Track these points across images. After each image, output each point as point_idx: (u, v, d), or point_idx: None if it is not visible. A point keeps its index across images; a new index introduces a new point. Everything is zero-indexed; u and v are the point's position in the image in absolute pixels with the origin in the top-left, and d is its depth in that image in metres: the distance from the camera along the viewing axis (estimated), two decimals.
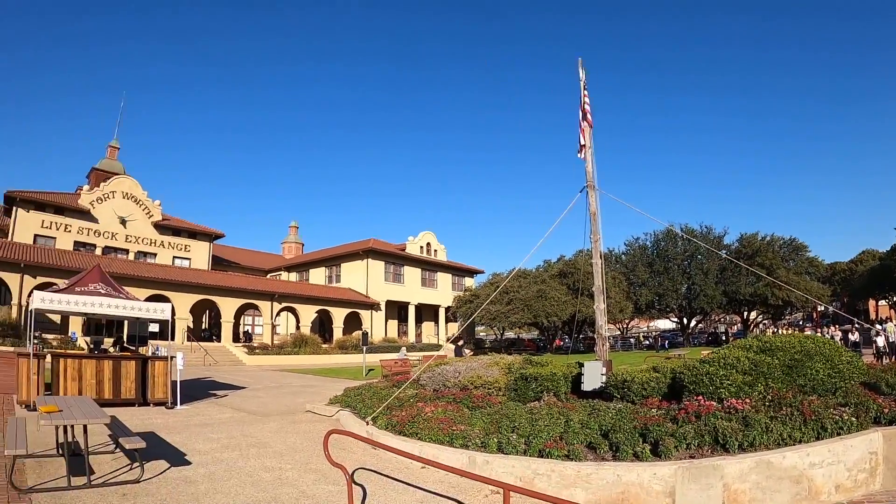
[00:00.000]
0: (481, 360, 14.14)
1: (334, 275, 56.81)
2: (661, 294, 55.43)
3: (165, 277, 38.97)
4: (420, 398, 11.90)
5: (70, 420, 6.98)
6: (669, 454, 7.43)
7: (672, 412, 8.79)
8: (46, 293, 13.58)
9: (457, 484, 7.76)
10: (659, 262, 56.27)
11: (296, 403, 15.98)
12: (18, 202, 41.22)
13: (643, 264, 57.11)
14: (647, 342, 63.97)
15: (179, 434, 10.77)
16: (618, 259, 60.30)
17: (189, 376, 23.28)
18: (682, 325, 61.13)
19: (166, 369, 14.94)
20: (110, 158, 52.51)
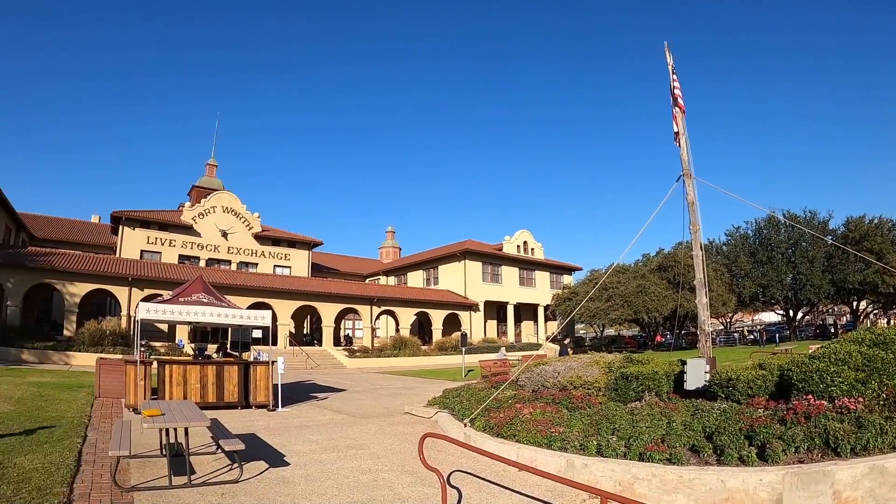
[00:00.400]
0: (581, 358, 13.81)
1: (432, 277, 57.02)
2: (765, 285, 52.99)
3: (266, 286, 39.92)
4: (518, 399, 11.69)
5: (171, 423, 7.13)
6: (777, 458, 7.00)
7: (780, 412, 8.27)
8: (151, 304, 14.04)
9: (553, 487, 7.53)
10: (762, 252, 53.74)
11: (394, 405, 16.06)
12: (124, 221, 43.32)
13: (745, 254, 54.64)
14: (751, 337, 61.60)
15: (279, 436, 10.93)
16: (718, 250, 58.18)
17: (291, 380, 23.72)
18: (788, 318, 58.27)
19: (268, 373, 15.27)
20: (209, 176, 54.33)
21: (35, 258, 33.94)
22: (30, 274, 32.44)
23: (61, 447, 8.71)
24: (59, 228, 48.38)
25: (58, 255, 35.57)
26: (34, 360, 27.12)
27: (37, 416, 11.44)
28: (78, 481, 7.11)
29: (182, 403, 8.85)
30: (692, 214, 12.33)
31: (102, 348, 28.62)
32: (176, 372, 14.26)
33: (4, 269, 31.68)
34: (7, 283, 31.77)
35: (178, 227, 45.96)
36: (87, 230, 50.40)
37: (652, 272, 50.70)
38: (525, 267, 58.61)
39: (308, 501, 6.71)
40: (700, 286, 12.16)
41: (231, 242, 48.32)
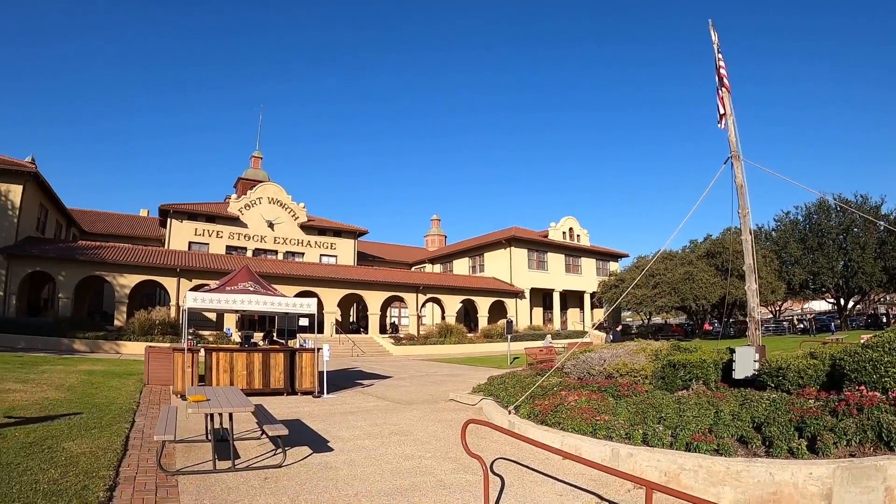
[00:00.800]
0: (627, 346, 13.58)
1: (477, 265, 56.91)
2: (815, 272, 51.63)
3: (313, 274, 40.24)
4: (563, 386, 11.53)
5: (216, 409, 7.16)
6: (828, 451, 6.75)
7: (831, 404, 7.96)
8: (199, 293, 14.18)
9: (598, 477, 7.38)
10: (812, 238, 52.37)
11: (439, 392, 16.03)
12: (172, 214, 44.37)
13: (795, 240, 53.36)
14: (800, 326, 60.19)
15: (323, 422, 10.95)
16: (768, 236, 56.92)
17: (336, 367, 23.90)
18: (839, 307, 56.81)
19: (313, 360, 15.34)
20: (254, 168, 54.96)
21: (85, 252, 34.82)
22: (80, 267, 33.26)
23: (109, 432, 8.83)
24: (108, 223, 49.72)
25: (107, 249, 36.47)
26: (86, 350, 27.71)
27: (86, 403, 11.64)
28: (124, 465, 7.19)
29: (227, 389, 8.91)
30: (741, 198, 11.97)
31: (152, 337, 29.28)
32: (223, 359, 14.40)
33: (56, 263, 32.51)
34: (59, 276, 32.65)
35: (224, 219, 46.75)
36: (136, 224, 51.65)
37: (699, 258, 49.86)
38: (571, 254, 58.17)
39: (350, 487, 6.67)
40: (749, 272, 11.84)
41: (277, 232, 48.90)
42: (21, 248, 31.95)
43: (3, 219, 31.97)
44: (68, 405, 11.16)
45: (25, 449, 7.38)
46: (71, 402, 11.51)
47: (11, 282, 31.30)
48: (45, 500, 5.55)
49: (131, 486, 6.36)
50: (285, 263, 43.82)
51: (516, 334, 37.07)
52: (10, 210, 32.20)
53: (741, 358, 10.65)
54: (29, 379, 14.62)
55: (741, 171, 12.02)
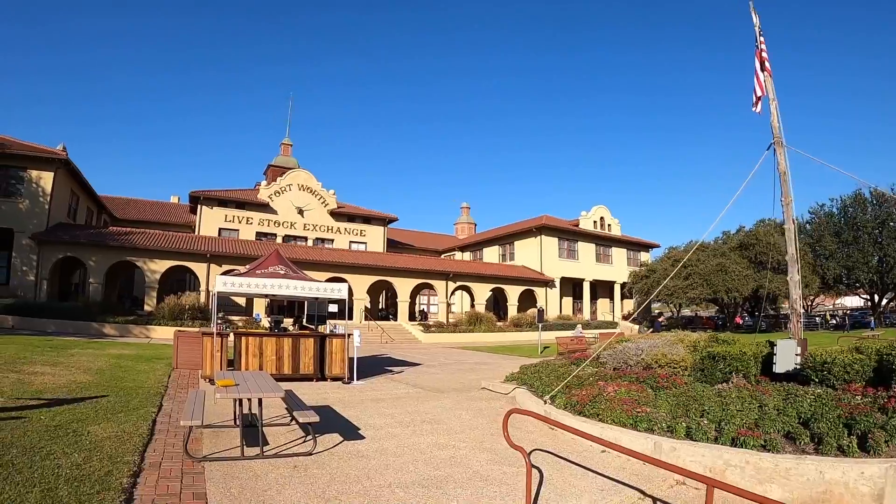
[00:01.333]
0: (664, 336, 13.19)
1: (507, 253, 56.52)
2: (850, 267, 50.65)
3: (342, 261, 40.08)
4: (600, 377, 11.19)
5: (245, 394, 6.93)
6: (879, 450, 6.42)
7: (880, 400, 7.66)
8: (228, 277, 13.98)
9: (639, 471, 7.09)
10: (847, 231, 51.37)
11: (470, 380, 15.73)
12: (202, 200, 44.68)
13: (830, 234, 52.37)
14: (833, 321, 58.94)
15: (354, 409, 10.71)
16: (801, 229, 55.94)
17: (366, 353, 23.61)
18: (873, 303, 55.63)
19: (343, 346, 15.11)
20: (284, 155, 54.87)
21: (116, 237, 35.04)
22: (111, 252, 33.51)
23: (136, 416, 8.66)
24: (138, 209, 50.16)
25: (138, 234, 36.63)
26: (115, 334, 27.80)
27: (114, 386, 11.50)
28: (150, 450, 7.00)
29: (256, 374, 8.67)
30: (783, 185, 11.57)
31: (182, 322, 29.22)
32: (252, 344, 14.21)
33: (86, 249, 32.77)
34: (89, 261, 32.90)
35: (254, 206, 46.88)
36: (167, 210, 52.13)
37: (732, 250, 49.01)
38: (601, 243, 57.60)
39: (382, 477, 6.41)
40: (792, 262, 11.41)
41: (307, 219, 48.98)
42: (52, 233, 32.17)
43: (34, 205, 32.23)
44: (96, 388, 11.03)
45: (50, 432, 7.21)
46: (99, 386, 11.38)
47: (43, 267, 31.61)
48: (66, 485, 5.35)
49: (156, 472, 6.16)
50: (315, 250, 43.75)
51: (546, 324, 36.54)
52: (41, 197, 32.48)
53: (782, 351, 10.28)
54: (58, 362, 14.54)
55: (784, 157, 11.65)
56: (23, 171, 32.24)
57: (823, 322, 58.18)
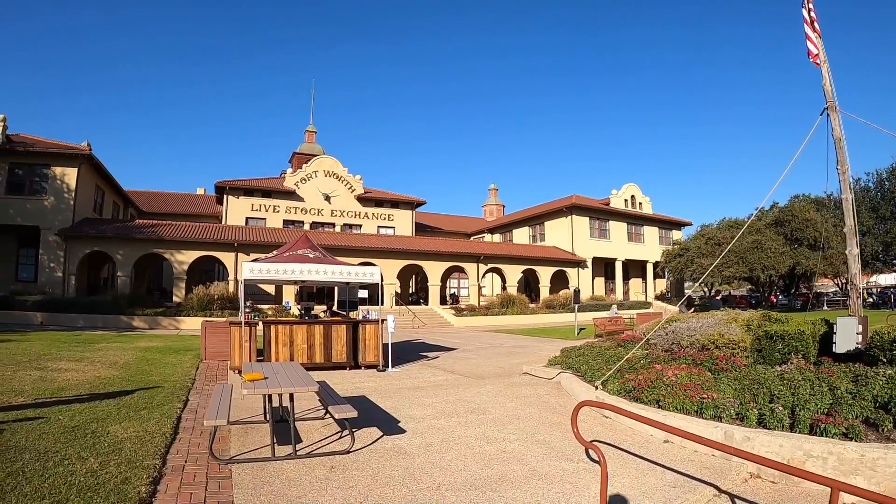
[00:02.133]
0: (716, 315, 12.42)
1: (538, 234, 55.54)
2: (888, 243, 49.31)
3: (371, 245, 39.48)
4: (652, 359, 10.50)
5: (274, 388, 6.29)
6: None
7: None
8: (255, 263, 13.40)
9: (709, 464, 6.43)
10: (885, 206, 49.95)
11: (510, 365, 15.07)
12: (228, 191, 44.26)
13: (866, 209, 50.90)
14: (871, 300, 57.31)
15: (391, 398, 10.10)
16: (837, 203, 54.69)
17: (399, 339, 23.17)
18: None
19: (377, 332, 14.48)
20: (309, 142, 54.47)
21: (142, 230, 34.82)
22: (138, 245, 33.26)
23: (159, 413, 8.14)
24: (165, 202, 50.19)
25: (164, 226, 36.39)
26: (144, 327, 27.77)
27: (139, 381, 11.04)
28: (173, 451, 6.48)
29: (287, 365, 8.04)
30: (839, 153, 10.85)
31: (210, 312, 29.18)
32: (282, 332, 13.68)
33: (113, 242, 32.53)
34: (116, 254, 32.70)
35: (281, 193, 46.43)
36: (193, 202, 52.04)
37: (767, 227, 47.74)
38: (633, 222, 56.52)
39: (430, 477, 5.78)
40: (850, 235, 10.64)
41: (334, 205, 48.40)
42: (78, 228, 31.98)
43: (59, 202, 32.08)
44: (120, 384, 10.56)
45: (67, 434, 6.68)
46: (123, 381, 10.91)
47: (70, 262, 31.47)
48: (78, 496, 4.79)
49: (178, 478, 5.59)
50: (343, 235, 43.19)
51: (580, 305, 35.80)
52: (66, 193, 32.32)
53: (843, 330, 9.53)
54: (84, 357, 14.20)
55: (839, 123, 10.92)
56: (46, 168, 32.09)
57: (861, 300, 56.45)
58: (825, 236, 45.37)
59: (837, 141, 10.84)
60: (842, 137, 10.90)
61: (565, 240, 51.30)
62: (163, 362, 14.11)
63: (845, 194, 10.90)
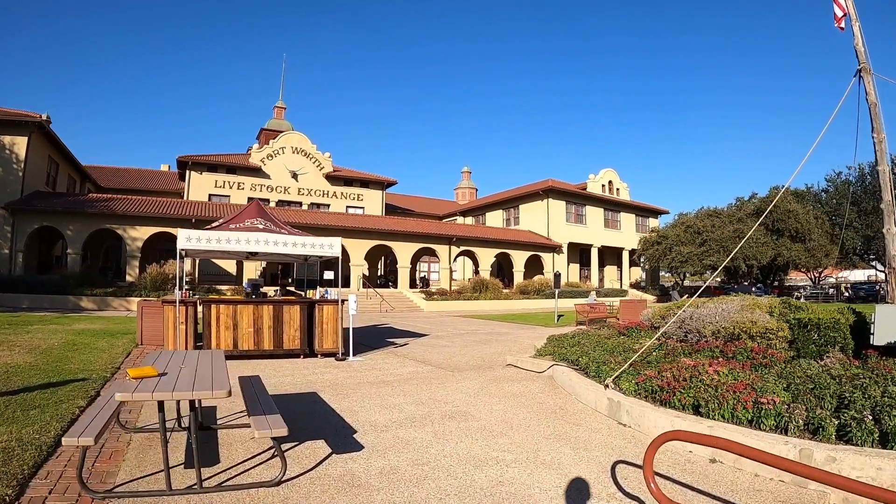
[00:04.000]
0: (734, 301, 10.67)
1: (512, 217, 53.83)
2: (870, 237, 48.32)
3: (338, 224, 37.39)
4: (668, 351, 8.71)
5: (163, 392, 4.14)
6: None
7: None
8: (193, 231, 11.39)
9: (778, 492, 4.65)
10: (866, 200, 48.93)
11: (490, 354, 13.16)
12: (191, 166, 42.49)
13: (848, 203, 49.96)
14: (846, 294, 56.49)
15: (348, 397, 8.14)
16: (818, 197, 53.80)
17: (365, 323, 21.66)
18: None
19: (336, 315, 12.47)
20: (278, 118, 52.87)
21: (94, 204, 32.79)
22: (89, 220, 31.20)
23: (51, 414, 6.23)
24: (126, 178, 48.13)
25: (118, 200, 34.34)
26: (94, 307, 25.96)
27: (53, 370, 9.09)
28: (41, 474, 4.59)
29: (203, 355, 5.94)
30: (875, 119, 9.57)
31: (165, 292, 27.02)
32: (224, 314, 11.71)
33: (63, 217, 30.52)
34: (67, 230, 30.73)
35: (246, 170, 44.66)
36: (155, 178, 50.13)
37: (749, 216, 46.73)
38: (610, 208, 55.12)
39: None
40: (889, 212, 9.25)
41: (301, 183, 46.65)
42: (27, 202, 29.88)
43: (7, 173, 29.94)
44: (29, 373, 8.67)
45: None
46: (34, 370, 8.98)
47: (17, 239, 29.45)
48: None
49: None
50: (308, 213, 41.14)
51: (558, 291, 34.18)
52: (14, 163, 30.22)
53: (883, 320, 7.94)
54: (5, 341, 12.32)
55: (873, 86, 9.57)
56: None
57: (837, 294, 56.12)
58: (807, 228, 44.54)
59: (872, 106, 9.63)
60: (877, 102, 9.71)
61: (541, 224, 49.68)
62: (91, 347, 12.17)
63: (881, 165, 9.66)
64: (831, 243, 47.16)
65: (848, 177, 52.80)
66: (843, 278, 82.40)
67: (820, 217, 46.90)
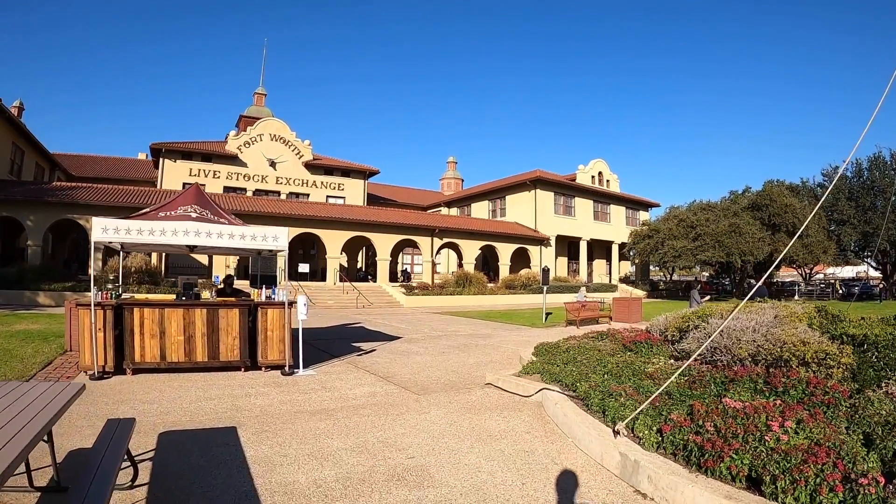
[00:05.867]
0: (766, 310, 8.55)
1: (498, 209, 51.89)
2: (868, 233, 46.75)
3: (313, 214, 35.52)
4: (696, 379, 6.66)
5: None
6: None
7: None
8: (110, 220, 9.38)
9: None
10: (864, 196, 47.35)
11: (467, 367, 11.07)
12: (164, 153, 40.87)
13: (845, 197, 48.48)
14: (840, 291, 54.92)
15: (275, 436, 6.11)
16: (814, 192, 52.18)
17: (335, 321, 20.16)
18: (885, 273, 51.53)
19: (282, 320, 10.31)
20: (258, 105, 51.11)
21: (56, 193, 31.00)
22: (50, 210, 29.42)
23: None
24: (98, 166, 46.41)
25: (82, 189, 32.56)
26: (51, 304, 24.25)
27: None
28: None
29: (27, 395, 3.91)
30: None
31: (127, 288, 25.04)
32: (149, 319, 9.72)
33: (24, 206, 28.85)
34: (27, 220, 29.00)
35: (222, 158, 42.91)
36: (129, 167, 48.34)
37: (744, 210, 45.16)
38: (600, 200, 53.35)
39: None
40: None
41: (280, 172, 44.98)
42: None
43: None
44: None
45: None
46: None
47: None
48: None
49: None
50: (282, 202, 39.15)
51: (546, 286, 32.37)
52: None
53: None
54: None
55: None
56: None
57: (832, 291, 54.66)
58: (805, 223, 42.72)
59: None
60: None
61: (528, 216, 47.90)
62: (11, 355, 10.52)
63: None
64: (828, 239, 45.81)
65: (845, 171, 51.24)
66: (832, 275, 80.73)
67: (817, 213, 45.24)
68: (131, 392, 8.25)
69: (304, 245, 41.65)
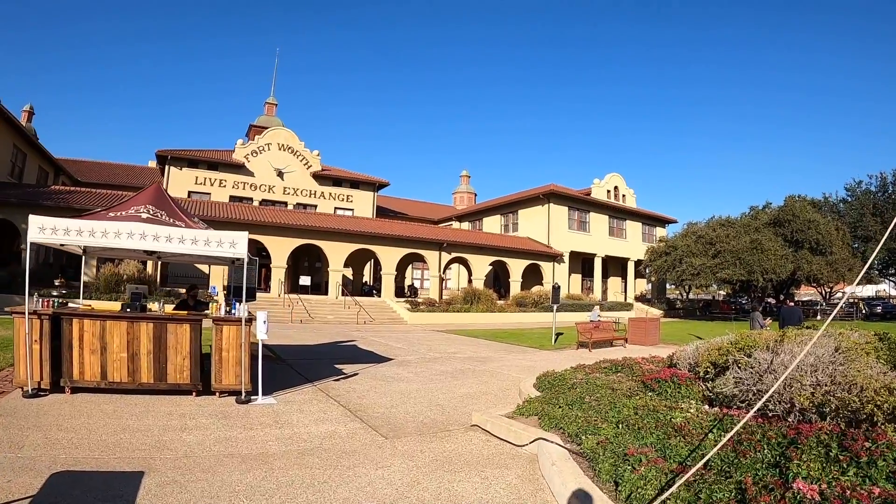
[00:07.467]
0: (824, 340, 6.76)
1: (511, 223, 50.45)
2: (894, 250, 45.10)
3: (316, 225, 34.24)
4: (744, 440, 4.89)
5: None
6: None
7: None
8: (48, 219, 8.11)
9: None
10: (889, 210, 45.64)
11: (455, 401, 9.45)
12: (170, 160, 40.40)
13: (870, 213, 46.70)
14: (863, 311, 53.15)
15: (184, 489, 4.63)
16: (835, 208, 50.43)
17: (329, 338, 18.98)
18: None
19: (239, 338, 8.77)
20: (268, 115, 50.59)
21: (53, 196, 30.47)
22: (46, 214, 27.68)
23: None
24: (105, 172, 45.82)
25: (80, 194, 32.00)
26: None
27: None
28: None
29: None
30: None
31: (119, 294, 24.61)
32: (89, 332, 8.33)
33: (19, 210, 27.93)
34: (21, 224, 27.87)
35: (228, 166, 42.29)
36: (134, 173, 47.69)
37: (766, 226, 43.53)
38: (615, 215, 51.81)
39: None
40: None
41: (287, 182, 44.24)
42: None
43: None
44: None
45: None
46: None
47: None
48: None
49: None
50: (284, 213, 37.88)
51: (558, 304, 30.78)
52: None
53: None
54: None
55: None
56: None
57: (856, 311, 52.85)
58: (828, 240, 41.28)
59: None
60: None
61: (541, 231, 46.47)
62: None
63: None
64: (853, 256, 44.10)
65: (869, 186, 49.53)
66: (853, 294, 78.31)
67: (841, 228, 43.65)
68: (57, 416, 6.99)
69: (309, 257, 40.50)
